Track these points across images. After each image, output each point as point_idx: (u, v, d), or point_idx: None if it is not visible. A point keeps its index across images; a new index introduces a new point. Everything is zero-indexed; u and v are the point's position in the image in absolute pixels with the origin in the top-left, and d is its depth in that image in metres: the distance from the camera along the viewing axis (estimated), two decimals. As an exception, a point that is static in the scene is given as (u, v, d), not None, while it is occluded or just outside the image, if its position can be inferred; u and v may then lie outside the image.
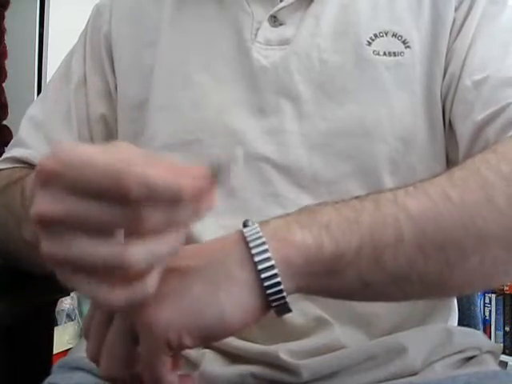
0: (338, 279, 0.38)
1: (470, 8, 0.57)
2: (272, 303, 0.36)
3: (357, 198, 0.40)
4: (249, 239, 0.36)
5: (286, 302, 0.37)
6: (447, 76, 0.56)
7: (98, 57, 0.67)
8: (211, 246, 0.38)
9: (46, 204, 0.31)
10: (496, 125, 0.52)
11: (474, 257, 0.40)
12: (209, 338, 0.36)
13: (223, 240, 0.38)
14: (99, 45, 0.67)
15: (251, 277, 0.36)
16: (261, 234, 0.36)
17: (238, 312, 0.35)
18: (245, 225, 0.38)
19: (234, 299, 0.35)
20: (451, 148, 0.58)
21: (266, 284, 0.36)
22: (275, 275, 0.36)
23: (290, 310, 0.37)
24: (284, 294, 0.36)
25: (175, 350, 0.35)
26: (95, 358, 0.37)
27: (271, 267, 0.36)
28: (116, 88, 0.66)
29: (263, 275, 0.35)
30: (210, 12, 0.62)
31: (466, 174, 0.42)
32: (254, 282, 0.36)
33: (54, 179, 0.31)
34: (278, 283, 0.36)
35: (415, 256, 0.39)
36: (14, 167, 0.66)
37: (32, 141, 0.65)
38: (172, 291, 0.35)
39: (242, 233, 0.37)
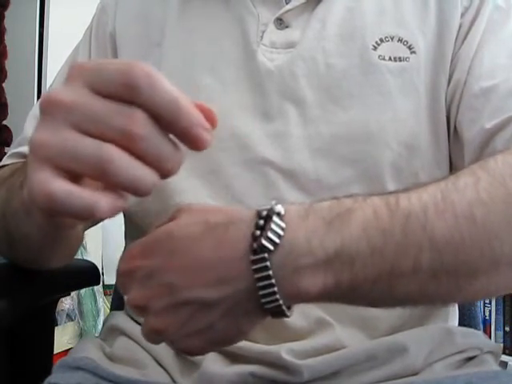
0: (346, 302, 0.40)
1: (477, 14, 0.57)
2: (273, 316, 0.39)
3: (388, 208, 0.38)
4: (256, 276, 0.37)
5: (285, 314, 0.38)
6: (452, 81, 0.56)
7: (104, 55, 0.66)
8: (220, 271, 0.37)
9: (60, 90, 0.33)
10: (505, 134, 0.51)
11: (482, 278, 0.40)
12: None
13: (230, 263, 0.37)
14: (104, 43, 0.66)
15: (259, 308, 0.38)
16: (269, 273, 0.36)
17: (252, 328, 0.40)
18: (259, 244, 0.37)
19: (250, 324, 0.39)
20: (456, 154, 0.57)
21: (270, 311, 0.38)
22: (279, 306, 0.37)
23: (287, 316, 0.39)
24: (287, 314, 0.38)
25: None
26: None
27: (276, 301, 0.37)
28: None
29: (269, 310, 0.38)
30: (216, 12, 0.61)
31: (491, 182, 0.40)
32: (262, 311, 0.38)
33: (75, 76, 0.34)
34: (282, 310, 0.38)
35: (428, 283, 0.39)
36: (19, 162, 0.65)
37: None
38: (196, 328, 0.38)
39: (250, 262, 0.37)
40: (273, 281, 0.36)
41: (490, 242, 0.39)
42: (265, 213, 0.38)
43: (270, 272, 0.36)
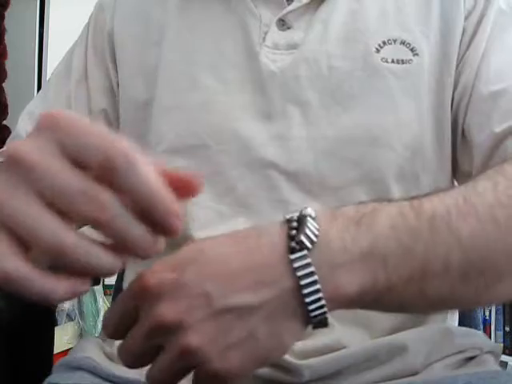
0: (380, 306, 0.39)
1: (481, 18, 0.57)
2: (315, 326, 0.37)
3: (413, 209, 0.38)
4: (299, 274, 0.35)
5: (326, 325, 0.37)
6: (460, 85, 0.56)
7: (101, 53, 0.66)
8: (259, 275, 0.35)
9: (29, 145, 0.31)
10: None
11: (508, 278, 0.40)
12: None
13: (268, 266, 0.36)
14: (102, 42, 0.66)
15: (302, 311, 0.35)
16: (312, 269, 0.35)
17: (294, 341, 0.36)
18: (293, 240, 0.36)
19: (293, 333, 0.36)
20: (463, 158, 0.58)
21: (313, 314, 0.35)
22: (324, 313, 0.35)
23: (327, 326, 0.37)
24: (328, 321, 0.36)
25: None
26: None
27: (319, 300, 0.35)
28: (118, 86, 0.65)
29: (313, 312, 0.35)
30: (216, 12, 0.61)
31: (510, 188, 0.41)
32: (305, 319, 0.36)
33: (50, 127, 0.31)
34: (326, 319, 0.36)
35: (458, 283, 0.38)
36: None
37: None
38: (237, 340, 0.35)
39: (290, 262, 0.35)
40: (316, 277, 0.35)
41: None
42: (296, 216, 0.37)
43: (313, 268, 0.35)
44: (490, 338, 1.82)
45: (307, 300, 0.35)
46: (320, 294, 0.35)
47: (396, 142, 0.55)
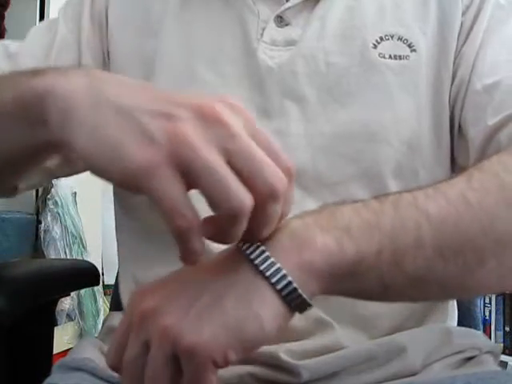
0: (358, 282, 0.38)
1: (478, 12, 0.57)
2: (294, 307, 0.36)
3: (376, 199, 0.40)
4: (252, 257, 0.36)
5: (306, 302, 0.36)
6: (456, 80, 0.57)
7: (98, 22, 0.64)
8: (219, 268, 0.37)
9: (224, 108, 0.34)
10: (509, 129, 0.52)
11: (492, 259, 0.40)
12: (251, 349, 0.36)
13: (225, 261, 0.37)
14: (100, 14, 0.64)
15: (269, 289, 0.35)
16: (263, 248, 0.36)
17: (272, 318, 0.35)
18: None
19: (266, 307, 0.35)
20: (460, 153, 0.58)
21: (284, 293, 0.35)
22: (290, 283, 0.35)
23: (310, 305, 0.37)
24: (303, 296, 0.36)
25: (221, 367, 0.35)
26: None
27: (283, 277, 0.35)
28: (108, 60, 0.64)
29: (278, 287, 0.35)
30: (215, 7, 0.61)
31: (484, 176, 0.42)
32: (273, 292, 0.36)
33: (238, 110, 0.35)
34: (295, 289, 0.35)
35: (435, 260, 0.39)
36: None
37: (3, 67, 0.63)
38: (205, 309, 0.35)
39: (243, 253, 0.36)
40: (267, 253, 0.36)
41: (491, 223, 0.40)
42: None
43: (263, 247, 0.36)
44: (490, 338, 1.82)
45: (267, 274, 0.35)
46: (278, 266, 0.35)
47: (393, 138, 0.55)
